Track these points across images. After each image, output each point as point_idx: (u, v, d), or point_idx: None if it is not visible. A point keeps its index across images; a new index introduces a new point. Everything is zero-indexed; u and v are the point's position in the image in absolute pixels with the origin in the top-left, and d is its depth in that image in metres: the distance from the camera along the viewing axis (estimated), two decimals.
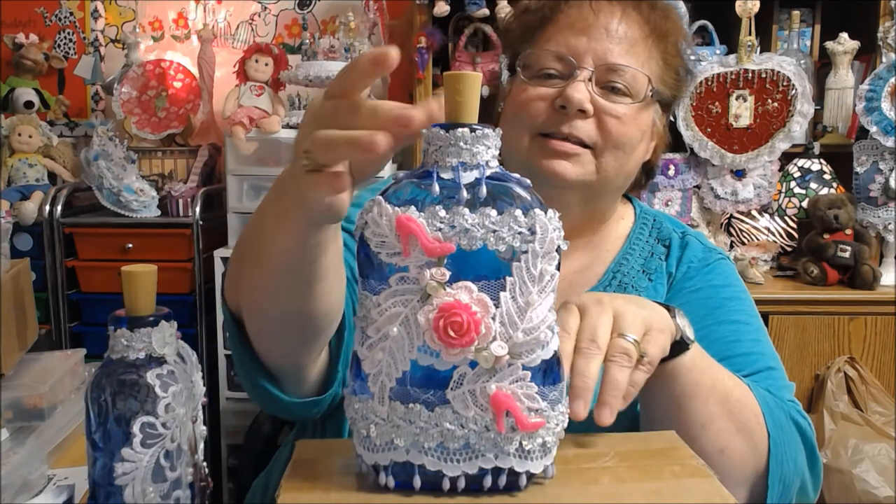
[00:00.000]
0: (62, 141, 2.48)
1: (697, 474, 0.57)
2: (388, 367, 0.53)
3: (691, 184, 2.20)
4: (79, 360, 1.22)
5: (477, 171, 0.53)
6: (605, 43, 0.86)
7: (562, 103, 0.85)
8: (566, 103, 0.85)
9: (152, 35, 2.68)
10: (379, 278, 0.53)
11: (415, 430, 0.53)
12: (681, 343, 0.71)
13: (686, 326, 0.73)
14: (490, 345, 0.51)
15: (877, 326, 1.98)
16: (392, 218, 0.52)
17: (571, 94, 0.84)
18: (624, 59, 0.87)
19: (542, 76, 0.88)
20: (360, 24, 2.29)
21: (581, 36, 0.87)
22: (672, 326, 0.70)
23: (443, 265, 0.51)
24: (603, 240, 0.97)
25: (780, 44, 2.27)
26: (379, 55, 0.52)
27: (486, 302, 0.51)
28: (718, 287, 0.93)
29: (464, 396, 0.52)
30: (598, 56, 0.86)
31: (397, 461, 0.53)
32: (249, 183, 2.25)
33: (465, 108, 0.54)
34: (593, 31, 0.87)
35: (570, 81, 0.86)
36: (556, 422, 0.54)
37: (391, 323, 0.52)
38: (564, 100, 0.85)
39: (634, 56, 0.87)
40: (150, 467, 0.54)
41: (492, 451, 0.53)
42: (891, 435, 1.85)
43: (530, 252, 0.52)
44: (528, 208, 0.52)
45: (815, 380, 2.00)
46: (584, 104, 0.84)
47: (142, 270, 0.56)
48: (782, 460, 0.75)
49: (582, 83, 0.85)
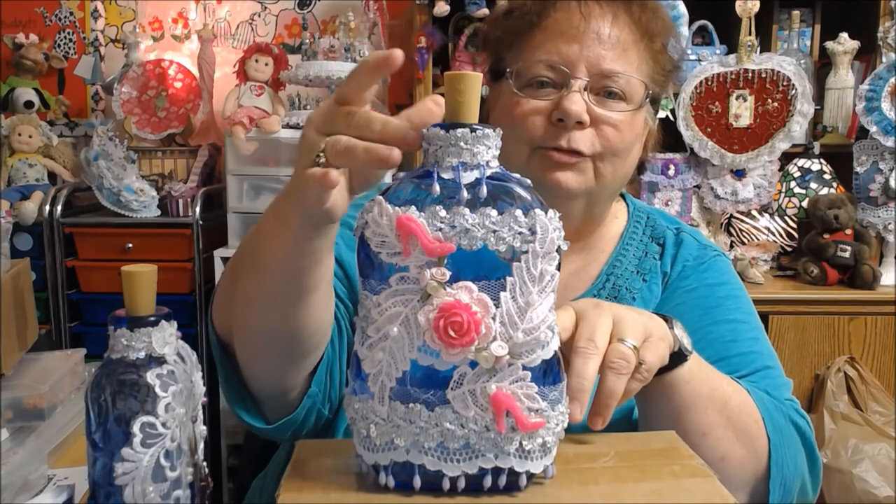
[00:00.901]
0: (62, 141, 2.48)
1: (697, 474, 0.58)
2: (389, 367, 0.53)
3: (691, 184, 2.20)
4: (79, 360, 1.23)
5: (477, 171, 0.53)
6: (597, 49, 0.85)
7: (559, 116, 0.84)
8: (564, 116, 0.83)
9: (152, 35, 2.68)
10: (379, 278, 0.53)
11: (415, 429, 0.53)
12: (679, 354, 0.71)
13: (684, 337, 0.72)
14: (490, 345, 0.51)
15: (877, 326, 1.98)
16: (392, 218, 0.52)
17: (569, 108, 0.83)
18: (617, 65, 0.85)
19: (534, 85, 0.86)
20: (360, 24, 2.29)
21: (573, 43, 0.85)
22: (670, 337, 0.70)
23: (443, 265, 0.51)
24: (597, 240, 0.96)
25: (780, 44, 2.27)
26: (384, 57, 0.54)
27: (487, 302, 0.51)
28: (714, 286, 0.92)
29: (464, 396, 0.52)
30: (592, 63, 0.84)
31: (397, 461, 0.53)
32: (249, 183, 2.26)
33: (466, 108, 0.54)
34: (585, 37, 0.85)
35: (564, 92, 0.84)
36: (556, 422, 0.54)
37: (391, 323, 0.52)
38: (561, 113, 0.83)
39: (627, 61, 0.86)
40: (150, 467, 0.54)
41: (492, 451, 0.53)
42: (891, 435, 1.85)
43: (530, 252, 0.52)
44: (529, 208, 0.52)
45: (815, 380, 1.99)
46: (581, 116, 0.83)
47: (142, 270, 0.56)
48: (783, 464, 0.75)
49: (577, 94, 0.83)
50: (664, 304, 0.92)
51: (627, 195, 1.03)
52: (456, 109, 0.54)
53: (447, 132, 0.53)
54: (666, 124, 2.12)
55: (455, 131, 0.53)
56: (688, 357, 0.72)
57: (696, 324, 0.88)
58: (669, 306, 0.91)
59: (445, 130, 0.53)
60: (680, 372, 0.71)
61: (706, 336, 0.85)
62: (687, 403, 0.72)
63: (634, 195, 1.05)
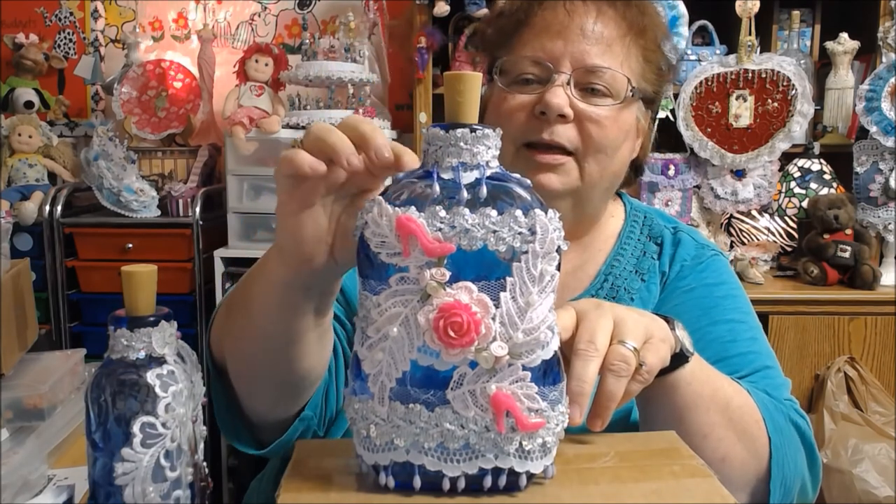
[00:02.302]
0: (62, 141, 2.48)
1: (697, 474, 0.57)
2: (388, 368, 0.53)
3: (691, 184, 2.20)
4: (79, 360, 1.23)
5: (477, 171, 0.53)
6: (581, 45, 0.85)
7: (541, 109, 0.84)
8: (546, 109, 0.84)
9: (152, 35, 2.68)
10: (379, 278, 0.53)
11: (415, 430, 0.52)
12: (680, 356, 0.70)
13: (685, 338, 0.72)
14: (490, 345, 0.51)
15: (877, 326, 1.98)
16: (392, 218, 0.51)
17: (550, 100, 0.83)
18: (601, 60, 0.85)
19: (521, 82, 0.87)
20: (360, 24, 2.29)
21: (557, 39, 0.85)
22: (671, 338, 0.69)
23: (443, 265, 0.51)
24: (594, 239, 0.96)
25: (780, 44, 2.27)
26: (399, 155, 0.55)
27: (486, 302, 0.51)
28: (712, 285, 0.92)
29: (464, 397, 0.52)
30: (576, 58, 0.85)
31: (397, 461, 0.53)
32: (249, 183, 2.26)
33: (466, 109, 0.54)
34: (569, 32, 0.85)
35: (548, 87, 0.85)
36: (557, 422, 0.54)
37: (391, 323, 0.52)
38: (544, 105, 0.84)
39: (612, 56, 0.86)
40: (150, 467, 0.54)
41: (492, 451, 0.52)
42: (891, 435, 1.85)
43: (530, 252, 0.52)
44: (529, 208, 0.52)
45: (815, 380, 2.00)
46: (563, 109, 0.83)
47: (142, 270, 0.55)
48: (783, 464, 0.75)
49: (560, 88, 0.84)
50: (662, 304, 0.92)
51: (624, 195, 1.02)
52: (455, 110, 0.54)
53: (447, 132, 0.53)
54: (666, 124, 2.12)
55: (455, 131, 0.53)
56: (689, 358, 0.71)
57: (695, 324, 0.88)
58: (668, 307, 0.91)
59: (445, 130, 0.53)
60: (681, 373, 0.71)
61: (705, 336, 0.85)
62: (688, 404, 0.72)
63: (634, 195, 1.05)
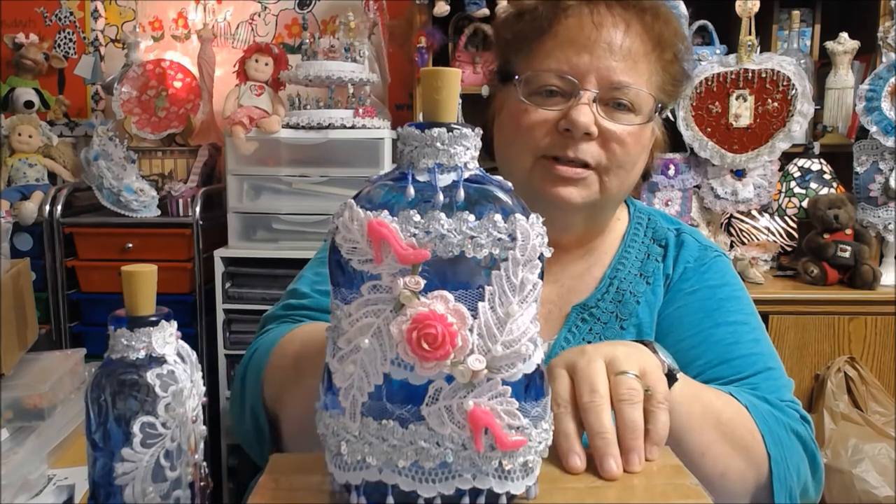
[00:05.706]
0: (62, 141, 2.48)
1: (691, 495, 0.55)
2: (360, 381, 0.49)
3: (691, 184, 2.20)
4: (79, 360, 1.23)
5: (454, 173, 0.49)
6: (608, 60, 0.83)
7: (566, 126, 0.82)
8: (571, 127, 0.82)
9: (152, 35, 2.68)
10: (350, 287, 0.50)
11: (388, 447, 0.49)
12: (669, 376, 0.69)
13: (667, 357, 0.70)
14: (467, 358, 0.47)
15: (877, 326, 1.98)
16: (363, 223, 0.48)
17: (577, 119, 0.81)
18: (628, 77, 0.83)
19: (543, 94, 0.85)
20: (360, 24, 2.29)
21: (583, 53, 0.83)
22: (657, 360, 0.68)
23: (417, 273, 0.47)
24: (600, 243, 0.96)
25: (780, 44, 2.27)
26: None
27: (463, 312, 0.47)
28: (715, 287, 0.92)
29: (440, 413, 0.48)
30: (602, 75, 0.83)
31: (369, 481, 0.50)
32: (249, 183, 2.25)
33: (443, 107, 0.50)
34: (596, 47, 0.83)
35: (573, 103, 0.83)
36: (539, 440, 0.51)
37: (362, 334, 0.49)
38: (569, 123, 0.82)
39: (638, 73, 0.84)
40: (150, 467, 0.54)
41: (469, 470, 0.49)
42: (891, 435, 1.85)
43: (510, 260, 0.48)
44: (509, 213, 0.48)
45: (815, 380, 2.00)
46: (589, 128, 0.82)
47: (142, 270, 0.55)
48: (785, 477, 0.75)
49: (586, 105, 0.82)
50: (666, 306, 0.92)
51: (628, 197, 1.02)
52: (432, 107, 0.50)
53: (422, 132, 0.49)
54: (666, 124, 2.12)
55: (431, 130, 0.49)
56: (676, 376, 0.70)
57: (698, 326, 0.88)
58: (671, 309, 0.91)
59: (421, 130, 0.49)
60: (674, 395, 0.69)
61: (708, 339, 0.85)
62: (683, 426, 0.70)
63: (635, 196, 1.05)
